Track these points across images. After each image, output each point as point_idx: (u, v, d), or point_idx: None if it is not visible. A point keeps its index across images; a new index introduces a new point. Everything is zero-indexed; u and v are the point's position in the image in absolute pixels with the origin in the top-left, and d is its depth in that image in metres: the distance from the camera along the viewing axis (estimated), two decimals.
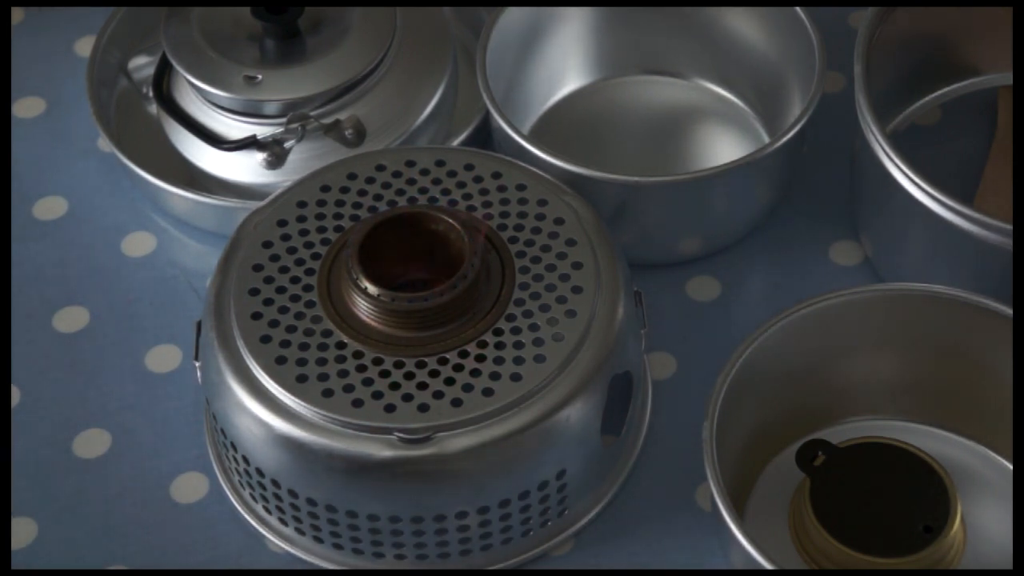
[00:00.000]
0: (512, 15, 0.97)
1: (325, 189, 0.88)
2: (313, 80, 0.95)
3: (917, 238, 0.90)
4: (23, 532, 0.87)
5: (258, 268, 0.84)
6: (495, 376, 0.80)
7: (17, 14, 1.09)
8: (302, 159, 0.95)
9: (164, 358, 0.93)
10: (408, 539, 0.82)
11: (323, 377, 0.80)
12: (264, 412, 0.81)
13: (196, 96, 0.97)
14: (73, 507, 0.88)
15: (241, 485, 0.86)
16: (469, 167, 0.88)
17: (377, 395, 0.80)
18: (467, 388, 0.80)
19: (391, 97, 0.97)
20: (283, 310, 0.83)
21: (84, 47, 1.07)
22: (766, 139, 0.99)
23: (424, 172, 0.88)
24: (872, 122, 0.89)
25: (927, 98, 1.02)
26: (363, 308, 0.82)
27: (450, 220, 0.83)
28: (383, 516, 0.81)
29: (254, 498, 0.86)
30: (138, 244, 0.98)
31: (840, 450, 0.83)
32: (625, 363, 0.84)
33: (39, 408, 0.91)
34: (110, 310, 0.95)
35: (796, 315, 0.84)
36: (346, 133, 0.95)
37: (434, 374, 0.80)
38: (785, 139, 0.91)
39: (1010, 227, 0.84)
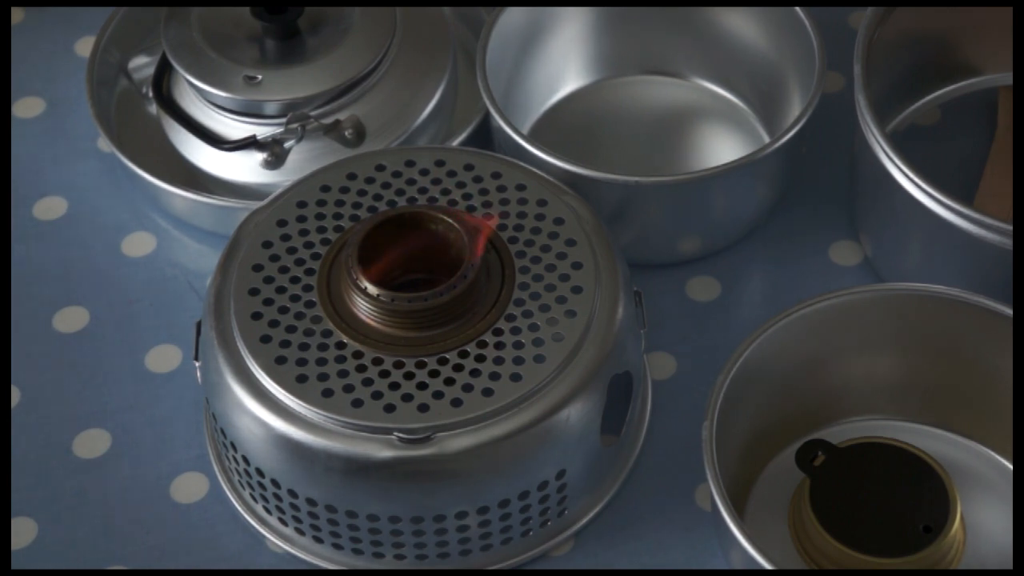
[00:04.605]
0: (512, 15, 0.97)
1: (325, 189, 0.88)
2: (313, 80, 0.95)
3: (917, 238, 0.90)
4: (23, 532, 0.87)
5: (258, 268, 0.84)
6: (495, 376, 0.80)
7: (17, 14, 1.09)
8: (302, 159, 0.95)
9: (164, 358, 0.93)
10: (408, 539, 0.82)
11: (323, 377, 0.80)
12: (264, 412, 0.81)
13: (196, 96, 0.97)
14: (73, 507, 0.88)
15: (241, 485, 0.86)
16: (469, 167, 0.88)
17: (377, 395, 0.80)
18: (467, 388, 0.80)
19: (391, 97, 0.97)
20: (283, 310, 0.83)
21: (84, 47, 1.07)
22: (766, 139, 0.99)
23: (424, 172, 0.88)
24: (872, 122, 0.89)
25: (927, 98, 1.02)
26: (363, 308, 0.82)
27: (450, 220, 0.83)
28: (383, 516, 0.81)
29: (254, 498, 0.86)
30: (138, 244, 0.98)
31: (840, 450, 0.83)
32: (625, 363, 0.84)
33: (39, 408, 0.91)
34: (110, 310, 0.95)
35: (796, 315, 0.84)
36: (346, 133, 0.95)
37: (434, 374, 0.80)
38: (785, 139, 0.91)
39: (1010, 227, 0.84)
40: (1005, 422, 0.85)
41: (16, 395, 0.92)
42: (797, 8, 0.95)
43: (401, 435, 0.79)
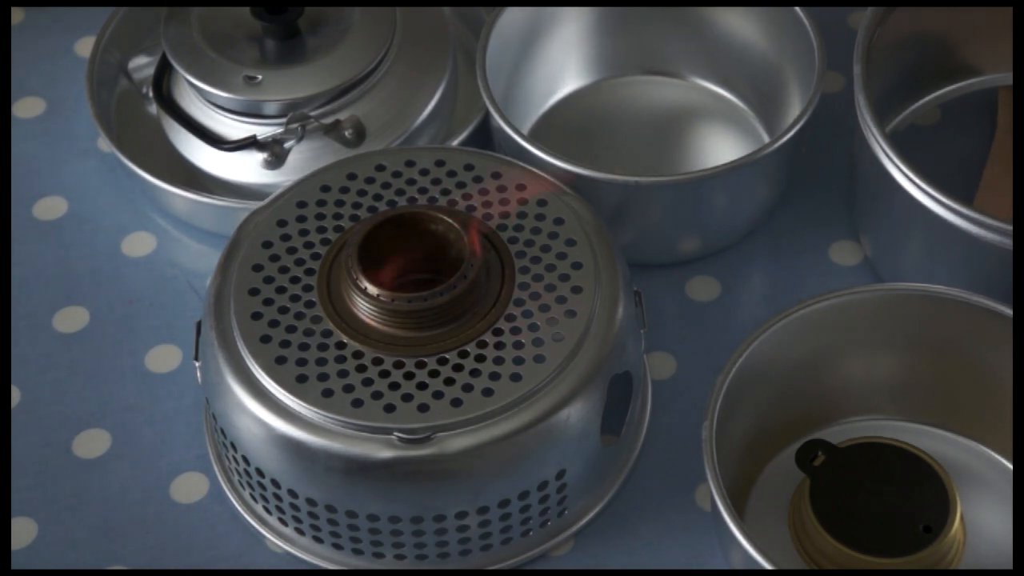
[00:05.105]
0: (512, 15, 0.97)
1: (325, 189, 0.88)
2: (313, 80, 0.95)
3: (917, 238, 0.90)
4: (23, 532, 0.87)
5: (258, 268, 0.84)
6: (495, 376, 0.80)
7: (17, 14, 1.09)
8: (302, 159, 0.95)
9: (164, 358, 0.93)
10: (408, 539, 0.82)
11: (323, 377, 0.80)
12: (264, 412, 0.81)
13: (196, 96, 0.97)
14: (73, 507, 0.88)
15: (241, 485, 0.86)
16: (469, 167, 0.88)
17: (377, 395, 0.80)
18: (467, 388, 0.80)
19: (391, 97, 0.97)
20: (283, 310, 0.83)
21: (84, 47, 1.07)
22: (766, 139, 0.99)
23: (424, 172, 0.88)
24: (872, 122, 0.89)
25: (927, 98, 1.02)
26: (363, 308, 0.82)
27: (450, 220, 0.83)
28: (383, 516, 0.81)
29: (254, 498, 0.86)
30: (138, 244, 0.98)
31: (840, 450, 0.83)
32: (625, 363, 0.84)
33: (39, 408, 0.91)
34: (110, 310, 0.95)
35: (796, 315, 0.84)
36: (346, 133, 0.95)
37: (434, 374, 0.80)
38: (785, 139, 0.91)
39: (1010, 227, 0.84)
40: (1005, 422, 0.85)
41: (16, 395, 0.92)
42: (797, 8, 0.95)
43: (401, 435, 0.79)
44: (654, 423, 0.90)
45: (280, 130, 0.95)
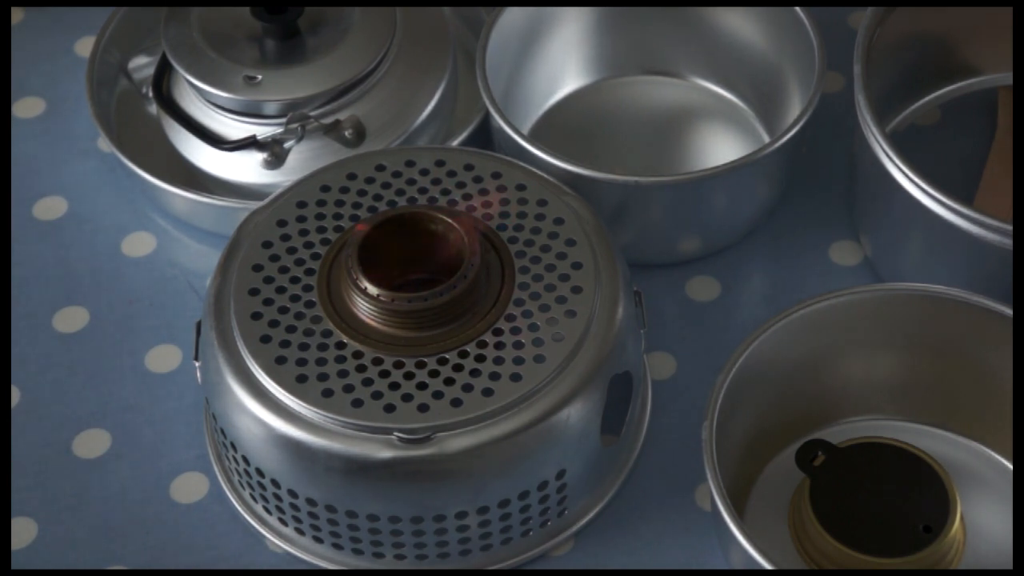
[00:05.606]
0: (512, 15, 0.97)
1: (325, 189, 0.88)
2: (313, 80, 0.95)
3: (917, 238, 0.90)
4: (23, 532, 0.87)
5: (258, 268, 0.84)
6: (495, 376, 0.80)
7: (17, 14, 1.09)
8: (302, 159, 0.95)
9: (164, 358, 0.93)
10: (408, 539, 0.82)
11: (323, 377, 0.80)
12: (264, 412, 0.81)
13: (196, 96, 0.97)
14: (73, 507, 0.88)
15: (241, 485, 0.86)
16: (469, 167, 0.88)
17: (377, 395, 0.80)
18: (467, 388, 0.80)
19: (391, 97, 0.97)
20: (283, 310, 0.83)
21: (84, 47, 1.07)
22: (766, 139, 1.00)
23: (424, 172, 0.88)
24: (872, 122, 0.89)
25: (927, 98, 1.02)
26: (363, 308, 0.82)
27: (450, 220, 0.83)
28: (383, 516, 0.81)
29: (254, 498, 0.86)
30: (138, 244, 0.98)
31: (840, 450, 0.83)
32: (625, 363, 0.84)
33: (39, 408, 0.91)
34: (110, 310, 0.95)
35: (796, 315, 0.84)
36: (346, 133, 0.95)
37: (434, 374, 0.80)
38: (785, 139, 0.91)
39: (1010, 227, 0.84)
40: (1005, 422, 0.85)
41: (16, 395, 0.92)
42: (797, 8, 0.95)
43: (401, 435, 0.79)
44: (654, 423, 0.90)
45: (280, 130, 0.95)
